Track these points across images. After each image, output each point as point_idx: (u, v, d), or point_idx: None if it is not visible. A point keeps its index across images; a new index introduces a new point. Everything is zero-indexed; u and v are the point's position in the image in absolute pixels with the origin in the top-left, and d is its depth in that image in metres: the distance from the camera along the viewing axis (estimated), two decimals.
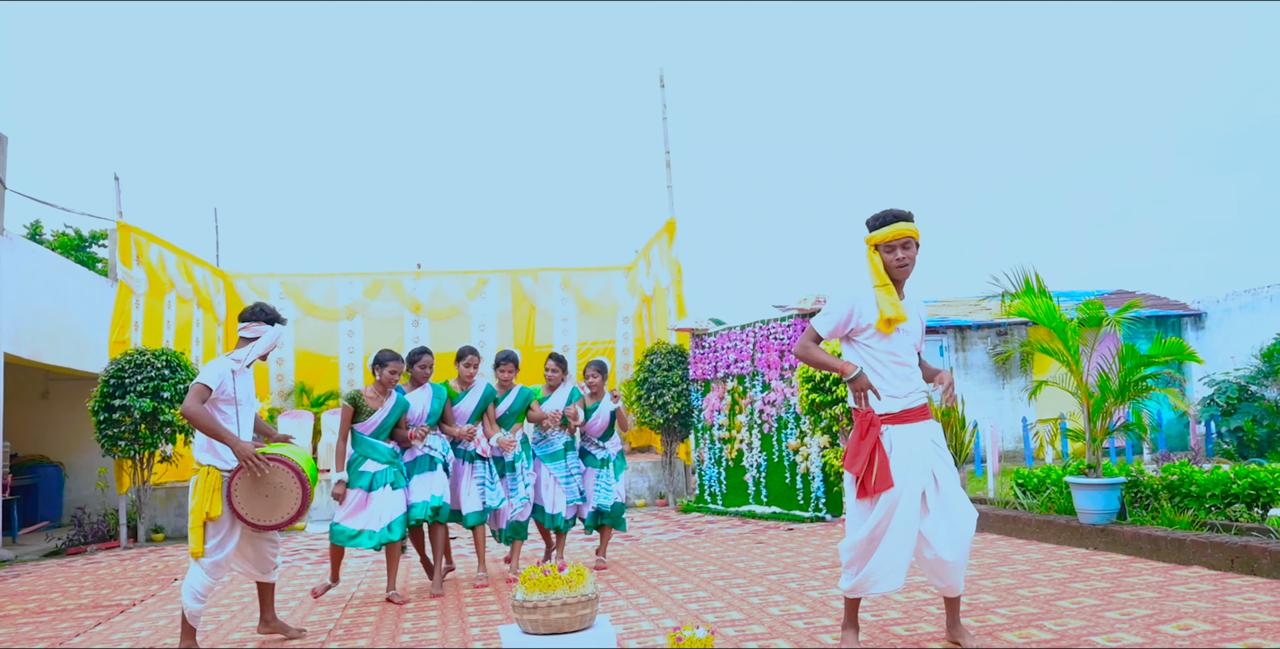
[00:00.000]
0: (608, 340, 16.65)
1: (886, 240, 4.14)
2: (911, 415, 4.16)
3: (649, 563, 7.69)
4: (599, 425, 7.56)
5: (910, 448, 4.11)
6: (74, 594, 7.87)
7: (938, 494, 4.13)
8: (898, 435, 4.12)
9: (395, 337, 16.41)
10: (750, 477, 11.09)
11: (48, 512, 14.29)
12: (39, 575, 9.30)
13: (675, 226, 13.34)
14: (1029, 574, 5.99)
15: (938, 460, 4.17)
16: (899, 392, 4.16)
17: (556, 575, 4.75)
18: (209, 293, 15.08)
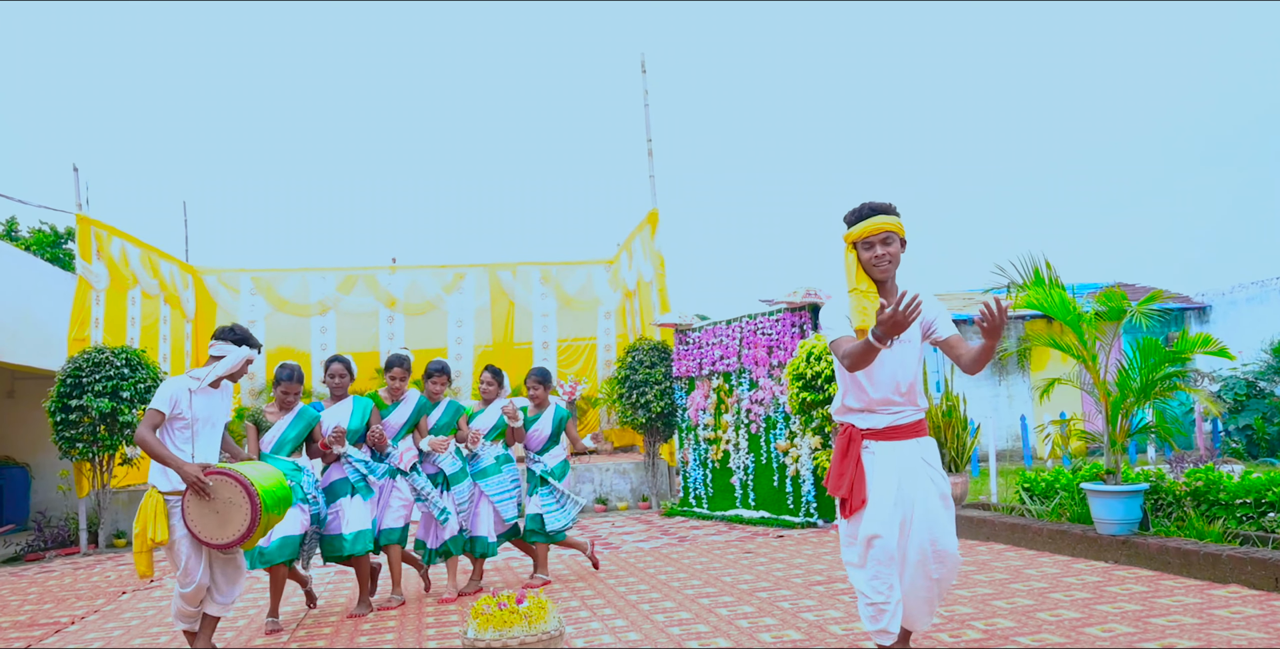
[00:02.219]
0: (589, 336, 16.15)
1: (864, 236, 3.74)
2: (899, 432, 3.77)
3: (629, 576, 7.12)
4: (538, 438, 7.11)
5: (893, 464, 3.73)
6: (14, 609, 7.45)
7: (911, 524, 3.70)
8: (881, 452, 3.76)
9: (370, 332, 16.06)
10: (737, 479, 10.52)
11: (14, 514, 14.03)
12: None
13: (658, 218, 12.81)
14: (1046, 593, 5.43)
15: (925, 484, 3.73)
16: (886, 407, 3.77)
17: (514, 609, 4.18)
18: (176, 289, 14.56)
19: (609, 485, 12.69)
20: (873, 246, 3.73)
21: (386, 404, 6.60)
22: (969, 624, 4.83)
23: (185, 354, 14.88)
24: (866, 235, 3.72)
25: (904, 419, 3.78)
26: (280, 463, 6.00)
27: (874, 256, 3.73)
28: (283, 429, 6.08)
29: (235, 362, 4.95)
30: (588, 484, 12.64)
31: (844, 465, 3.82)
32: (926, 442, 3.86)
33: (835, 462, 3.87)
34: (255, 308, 15.84)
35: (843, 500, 3.81)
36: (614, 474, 12.69)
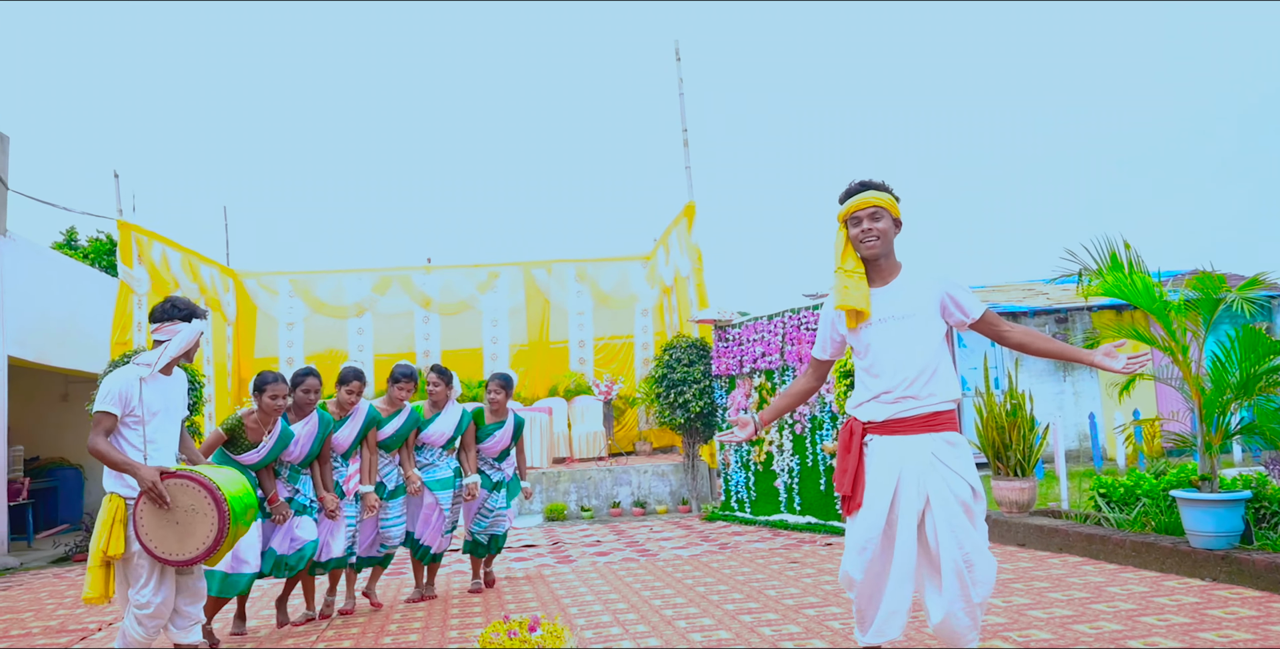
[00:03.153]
0: (626, 334, 15.70)
1: (852, 211, 3.61)
2: (903, 425, 3.49)
3: (665, 588, 6.53)
4: (497, 446, 6.83)
5: (893, 461, 3.47)
6: (49, 613, 7.17)
7: (933, 528, 3.41)
8: (879, 447, 3.54)
9: (405, 333, 15.99)
10: (781, 482, 9.89)
11: (68, 514, 14.10)
12: (30, 587, 8.65)
13: (695, 210, 12.22)
14: (1136, 616, 4.74)
15: (938, 484, 3.41)
16: (889, 396, 3.52)
17: (525, 638, 3.63)
18: (217, 292, 14.41)
19: (647, 488, 12.10)
20: (860, 222, 3.58)
21: (335, 419, 6.06)
22: None
23: (227, 356, 14.77)
24: (854, 211, 3.59)
25: (910, 411, 3.47)
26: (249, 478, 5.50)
27: (861, 232, 3.57)
28: (266, 453, 5.50)
29: (189, 339, 4.33)
30: (625, 487, 12.07)
31: (845, 460, 3.61)
32: (945, 437, 3.46)
33: (838, 456, 3.67)
34: (294, 310, 15.75)
35: (844, 498, 3.62)
36: (652, 476, 12.11)
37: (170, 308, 4.38)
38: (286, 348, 15.57)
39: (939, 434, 3.44)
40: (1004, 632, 4.57)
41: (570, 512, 11.95)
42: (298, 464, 5.76)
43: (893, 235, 3.60)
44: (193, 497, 4.06)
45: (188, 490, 4.07)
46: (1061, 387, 14.19)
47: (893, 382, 3.48)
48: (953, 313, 3.55)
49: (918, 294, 3.54)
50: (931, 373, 3.47)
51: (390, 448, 6.37)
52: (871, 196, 3.56)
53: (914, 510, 3.39)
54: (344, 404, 6.05)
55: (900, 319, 3.51)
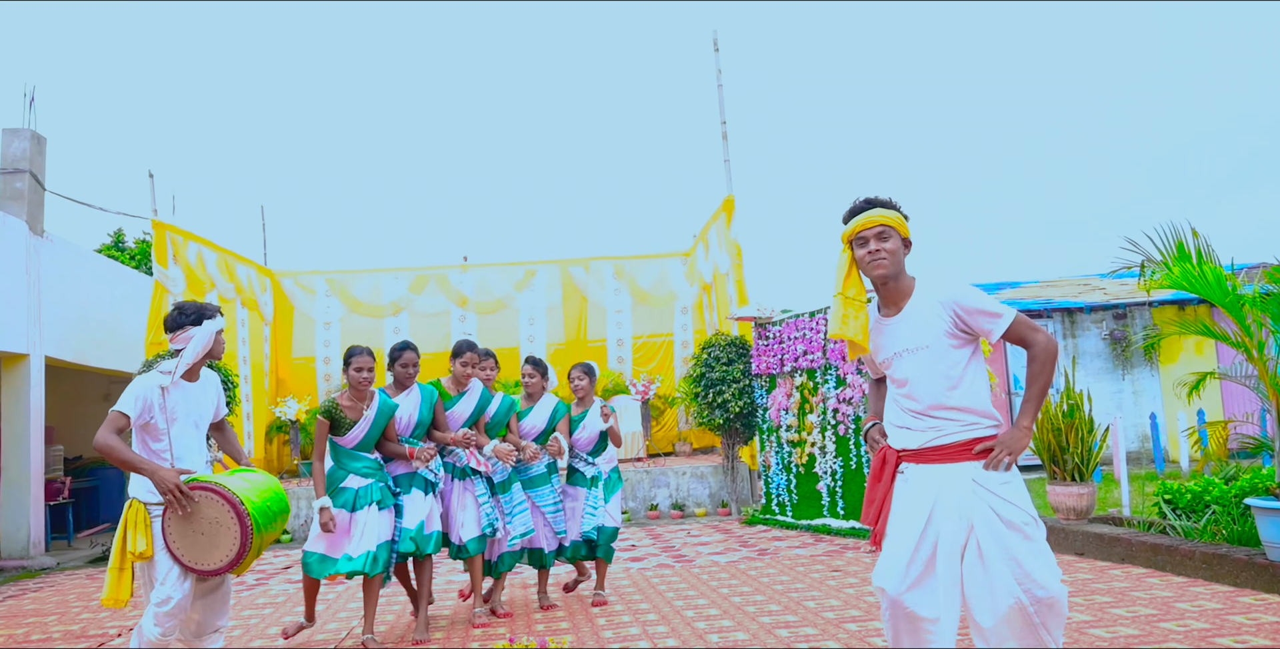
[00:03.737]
0: (665, 333, 15.37)
1: (857, 231, 3.29)
2: (941, 454, 3.15)
3: (699, 598, 6.21)
4: (587, 438, 6.42)
5: (928, 492, 3.12)
6: (73, 616, 7.03)
7: (980, 559, 3.01)
8: (916, 476, 3.19)
9: (442, 332, 15.65)
10: (824, 485, 9.51)
11: (109, 513, 14.01)
12: (60, 589, 8.53)
13: (734, 205, 11.86)
14: (1210, 636, 4.33)
15: (979, 507, 3.04)
16: (919, 425, 3.21)
17: None
18: (254, 291, 14.33)
19: (686, 490, 11.77)
20: (866, 242, 3.27)
21: (450, 395, 5.93)
22: None
23: (264, 356, 14.66)
24: (860, 230, 3.28)
25: (945, 438, 3.15)
26: (364, 459, 5.45)
27: (868, 253, 3.25)
28: (368, 428, 5.42)
29: (205, 341, 4.26)
30: (663, 488, 11.75)
31: (874, 490, 3.32)
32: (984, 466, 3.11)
33: (868, 485, 3.36)
34: (330, 310, 15.66)
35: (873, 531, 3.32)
36: (691, 478, 11.77)
37: (179, 315, 4.33)
38: (323, 347, 15.45)
39: (978, 464, 3.09)
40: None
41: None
42: (409, 437, 5.68)
43: (902, 256, 3.29)
44: (216, 509, 4.04)
45: (212, 503, 4.05)
46: (1120, 385, 13.63)
47: (923, 411, 3.18)
48: (973, 329, 3.18)
49: (929, 319, 3.19)
50: (968, 398, 3.15)
51: (492, 435, 6.16)
52: (879, 215, 3.25)
53: (955, 544, 3.03)
54: (459, 378, 5.92)
55: (917, 351, 3.19)
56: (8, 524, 10.19)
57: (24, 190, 10.53)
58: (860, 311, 3.27)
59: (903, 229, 3.28)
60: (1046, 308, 13.86)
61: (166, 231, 11.51)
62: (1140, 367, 13.55)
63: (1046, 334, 3.17)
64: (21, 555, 10.07)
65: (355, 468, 5.40)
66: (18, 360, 10.42)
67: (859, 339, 3.24)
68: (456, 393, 5.95)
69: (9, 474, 10.24)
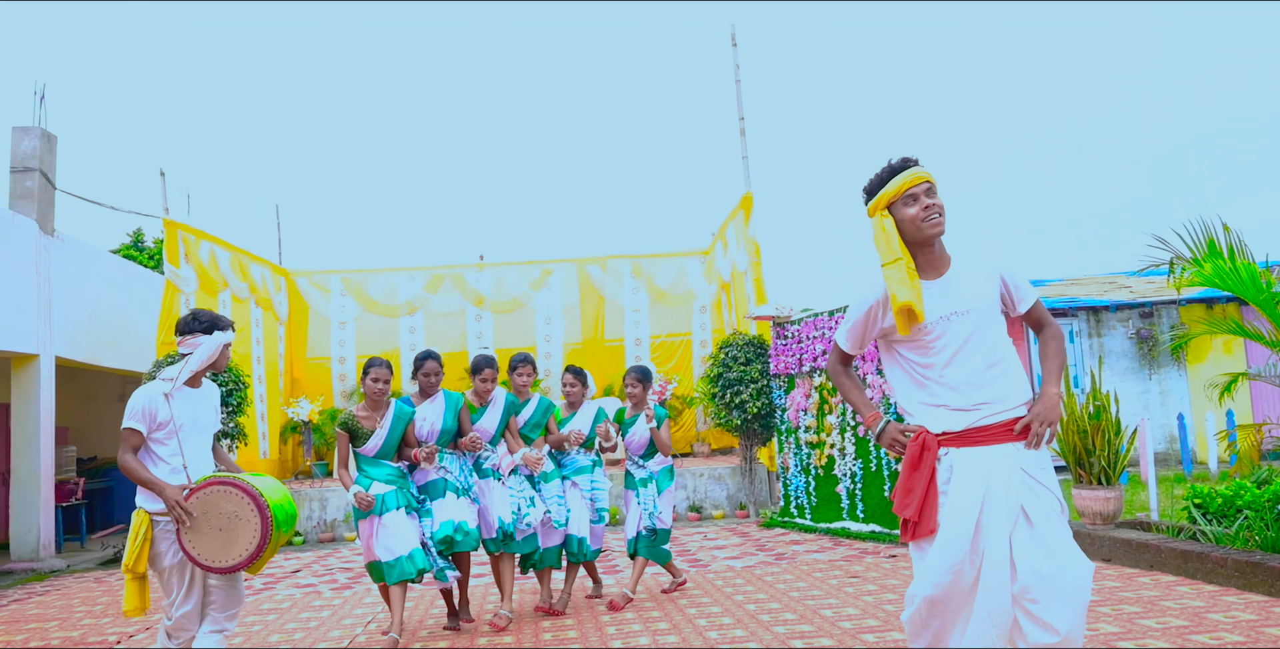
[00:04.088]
0: (683, 332, 15.19)
1: (906, 189, 3.06)
2: (986, 435, 2.95)
3: (713, 605, 6.05)
4: (639, 441, 6.51)
5: (978, 478, 2.91)
6: (74, 622, 6.95)
7: (1032, 535, 2.85)
8: (962, 461, 2.96)
9: (458, 332, 15.60)
10: (843, 487, 9.31)
11: (125, 514, 13.91)
12: (66, 593, 8.45)
13: (752, 202, 11.68)
14: None
15: (1028, 495, 2.89)
16: (963, 402, 2.99)
17: None
18: (268, 291, 14.25)
19: (703, 492, 11.60)
20: (917, 199, 3.05)
21: (475, 407, 6.02)
22: None
23: (279, 356, 14.56)
24: (910, 187, 3.05)
25: (990, 418, 2.96)
26: (386, 467, 5.59)
27: (923, 210, 3.04)
28: (386, 435, 5.56)
29: (211, 351, 4.30)
30: (680, 490, 11.57)
31: (913, 479, 3.03)
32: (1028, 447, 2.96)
33: (904, 474, 3.07)
34: (345, 309, 15.59)
35: (907, 522, 3.03)
36: (709, 480, 11.60)
37: (192, 320, 4.36)
38: (338, 347, 15.36)
39: (1022, 443, 2.95)
40: None
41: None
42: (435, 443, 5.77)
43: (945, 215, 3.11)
44: (236, 503, 4.05)
45: (232, 497, 4.05)
46: (1147, 385, 13.35)
47: (966, 386, 2.99)
48: (1005, 300, 3.12)
49: (977, 283, 3.06)
50: (1006, 373, 3.00)
51: (529, 439, 6.25)
52: (923, 171, 3.09)
53: (1004, 533, 2.86)
54: (481, 393, 6.01)
55: (963, 315, 3.02)
56: (17, 526, 10.14)
57: (34, 189, 10.47)
58: (915, 278, 3.04)
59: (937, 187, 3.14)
60: (1071, 306, 13.60)
61: (178, 230, 11.43)
62: (1167, 366, 13.27)
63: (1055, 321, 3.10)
64: (31, 558, 10.01)
65: (378, 475, 5.52)
66: (27, 361, 10.37)
67: (920, 307, 3.00)
68: (480, 405, 6.03)
69: (18, 475, 10.19)
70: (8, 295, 9.92)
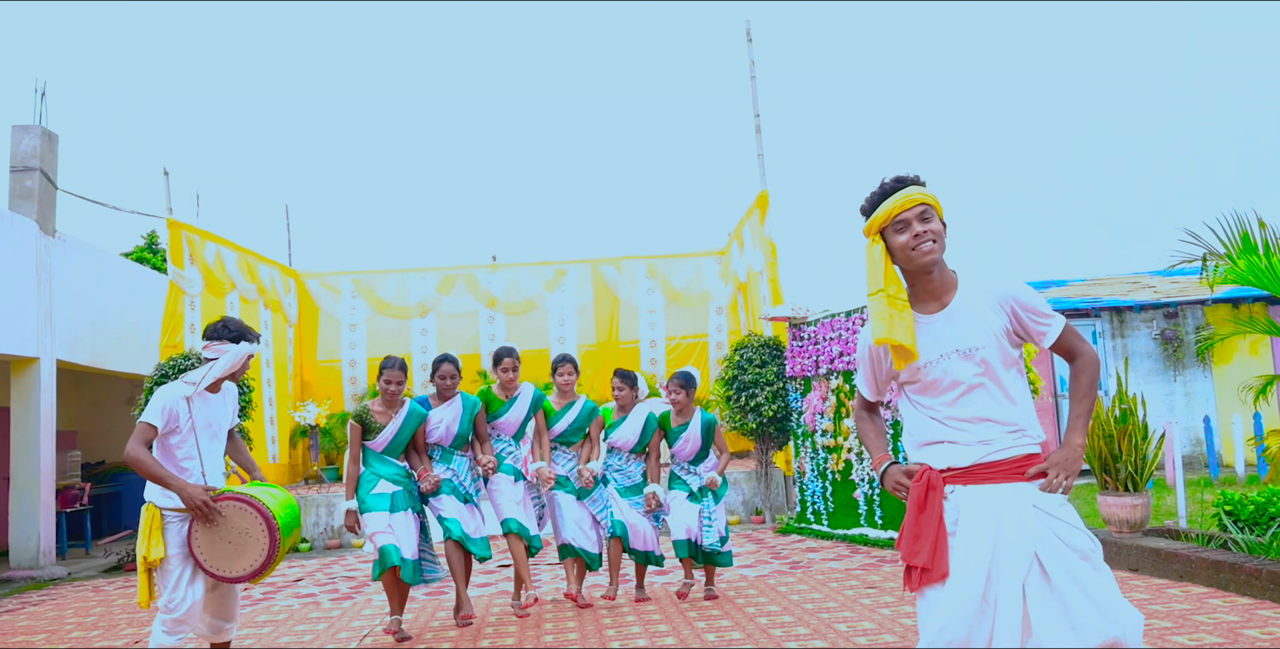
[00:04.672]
0: (699, 334, 14.96)
1: (896, 214, 2.78)
2: (995, 472, 2.67)
3: (722, 617, 5.82)
4: (689, 449, 6.40)
5: (988, 518, 2.62)
6: (64, 635, 6.77)
7: (1050, 591, 2.53)
8: (969, 501, 2.68)
9: (470, 333, 15.41)
10: (861, 493, 9.06)
11: (132, 520, 13.92)
12: (62, 602, 8.26)
13: (768, 200, 11.45)
14: None
15: (1045, 536, 2.58)
16: (968, 439, 2.70)
17: None
18: (278, 293, 14.09)
19: None
20: (908, 225, 2.77)
21: (501, 401, 6.03)
22: None
23: (288, 359, 14.42)
24: (899, 212, 2.77)
25: (997, 454, 2.68)
26: (393, 466, 5.67)
27: (913, 237, 2.75)
28: (396, 431, 5.63)
29: (235, 360, 4.47)
30: None
31: (920, 523, 2.73)
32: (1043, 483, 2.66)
33: (910, 518, 2.77)
34: (356, 311, 15.44)
35: (911, 568, 2.73)
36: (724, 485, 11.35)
37: (222, 328, 4.53)
38: (349, 350, 15.21)
39: (1037, 482, 2.67)
40: None
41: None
42: (449, 446, 5.85)
43: (944, 241, 2.82)
44: (248, 520, 4.22)
45: (244, 514, 4.23)
46: (1171, 387, 13.02)
47: (973, 426, 2.71)
48: (1019, 333, 2.77)
49: (982, 316, 2.74)
50: (1019, 412, 2.71)
51: (568, 443, 6.24)
52: (916, 193, 2.79)
53: (1018, 581, 2.56)
54: (505, 385, 6.06)
55: (967, 353, 2.73)
56: (16, 533, 9.97)
57: (34, 189, 10.31)
58: (904, 310, 2.78)
59: (940, 209, 2.82)
60: (1094, 307, 13.29)
61: (183, 231, 11.28)
62: (1193, 368, 12.94)
63: (1091, 346, 2.75)
64: (31, 565, 9.84)
65: (384, 472, 5.58)
66: (27, 364, 10.21)
67: (908, 343, 2.74)
68: (506, 398, 6.04)
69: (18, 481, 10.03)
70: (7, 297, 9.76)
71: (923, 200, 2.78)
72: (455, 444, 5.84)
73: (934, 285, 2.80)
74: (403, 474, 5.65)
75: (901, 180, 2.85)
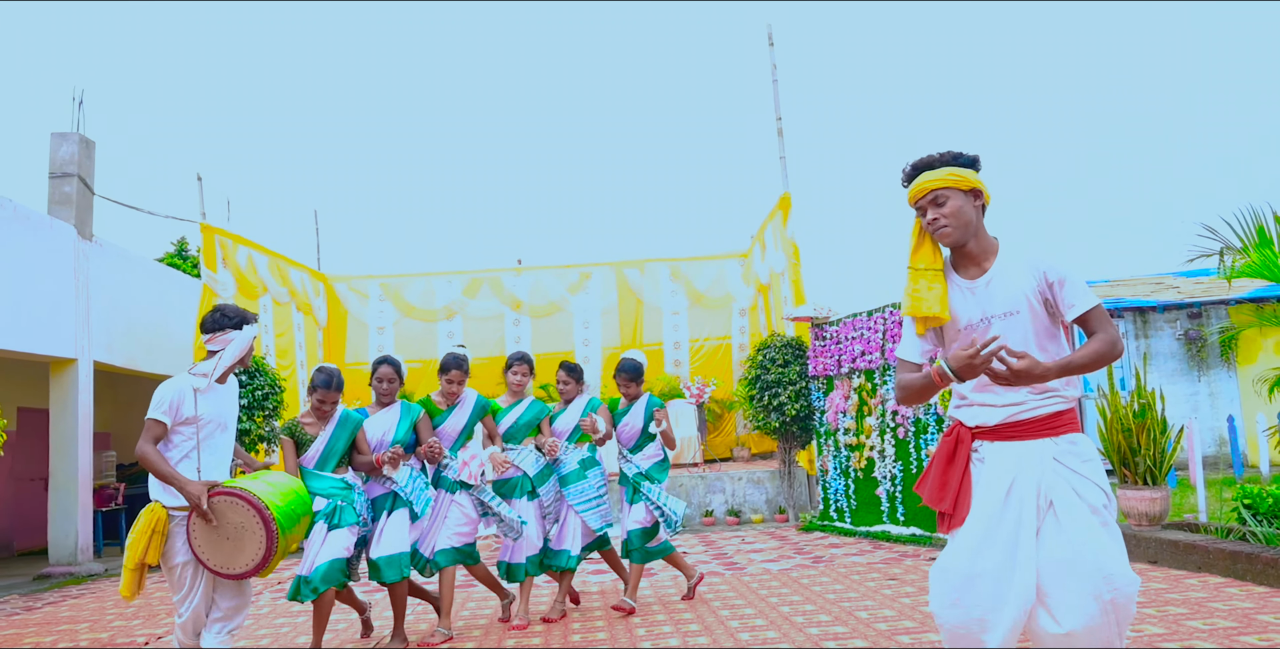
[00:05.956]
0: (722, 335, 15.11)
1: (911, 203, 3.03)
2: (1021, 430, 2.86)
3: (746, 606, 5.95)
4: (629, 432, 6.29)
5: (1007, 466, 2.83)
6: (105, 624, 6.97)
7: (1059, 531, 2.73)
8: (993, 454, 2.89)
9: (496, 336, 15.64)
10: (883, 490, 9.15)
11: None
12: (100, 596, 8.48)
13: (790, 202, 11.56)
14: None
15: (1063, 491, 2.76)
16: (994, 398, 2.88)
17: None
18: (308, 296, 14.36)
19: (742, 496, 11.47)
20: (923, 211, 2.99)
21: (440, 409, 5.78)
22: None
23: (319, 360, 14.61)
24: (913, 201, 3.01)
25: (1026, 413, 2.85)
26: (326, 480, 5.21)
27: (928, 223, 2.98)
28: (326, 440, 5.20)
29: (244, 346, 4.34)
30: (719, 494, 11.46)
31: (946, 473, 2.96)
32: (1069, 439, 2.83)
33: (938, 469, 2.98)
34: (384, 314, 15.69)
35: (942, 514, 2.96)
36: (747, 484, 11.47)
37: (220, 317, 4.35)
38: (377, 353, 15.38)
39: (1061, 437, 2.82)
40: None
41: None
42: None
43: (972, 214, 2.93)
44: (242, 515, 4.05)
45: (237, 508, 4.05)
46: (1196, 387, 13.02)
47: (1010, 389, 2.84)
48: (1052, 304, 2.87)
49: (1019, 283, 2.87)
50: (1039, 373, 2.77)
51: (515, 441, 6.04)
52: (927, 180, 2.94)
53: (1031, 518, 2.75)
54: (447, 394, 5.78)
55: (1004, 317, 2.87)
56: (56, 531, 10.20)
57: (72, 194, 10.57)
58: (935, 282, 2.96)
59: (963, 183, 2.92)
60: (1118, 307, 13.31)
61: (215, 235, 11.52)
62: (1216, 368, 12.93)
63: (1117, 331, 2.81)
64: (69, 562, 10.07)
65: (315, 487, 5.12)
66: (66, 365, 10.45)
67: (935, 311, 2.92)
68: (445, 407, 5.81)
69: (56, 479, 10.26)
70: (46, 300, 10.02)
71: (933, 186, 2.92)
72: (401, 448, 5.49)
73: (972, 253, 2.96)
74: (339, 486, 5.20)
75: (918, 166, 3.00)
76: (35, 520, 12.97)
